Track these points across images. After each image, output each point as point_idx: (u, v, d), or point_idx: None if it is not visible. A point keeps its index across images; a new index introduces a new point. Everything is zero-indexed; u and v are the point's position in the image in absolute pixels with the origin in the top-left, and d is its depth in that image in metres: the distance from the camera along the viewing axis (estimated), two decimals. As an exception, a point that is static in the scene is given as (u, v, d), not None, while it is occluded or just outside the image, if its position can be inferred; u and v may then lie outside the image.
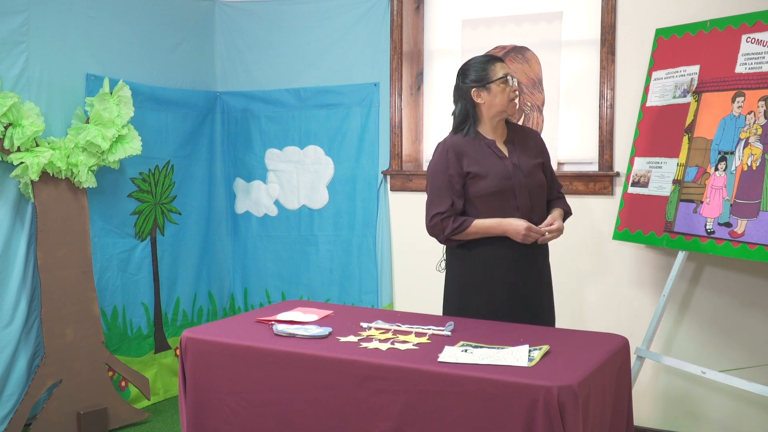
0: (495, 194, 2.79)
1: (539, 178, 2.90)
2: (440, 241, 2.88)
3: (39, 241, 3.51)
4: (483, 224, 2.79)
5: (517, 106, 2.90)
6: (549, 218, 2.85)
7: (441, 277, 4.14)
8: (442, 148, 2.88)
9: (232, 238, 4.65)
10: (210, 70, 4.55)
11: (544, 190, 2.94)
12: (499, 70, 2.82)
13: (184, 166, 4.34)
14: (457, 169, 2.81)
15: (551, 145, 3.88)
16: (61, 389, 3.56)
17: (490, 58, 2.86)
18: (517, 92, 2.84)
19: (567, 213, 3.00)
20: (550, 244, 2.93)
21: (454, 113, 2.92)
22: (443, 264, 3.02)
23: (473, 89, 2.83)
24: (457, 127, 2.90)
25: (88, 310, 3.68)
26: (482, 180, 2.80)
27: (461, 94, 2.87)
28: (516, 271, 2.82)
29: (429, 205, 2.87)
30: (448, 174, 2.82)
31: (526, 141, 2.94)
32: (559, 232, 2.85)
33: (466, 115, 2.87)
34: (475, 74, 2.83)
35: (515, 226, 2.76)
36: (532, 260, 2.87)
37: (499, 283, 2.82)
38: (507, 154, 2.86)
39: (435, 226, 2.84)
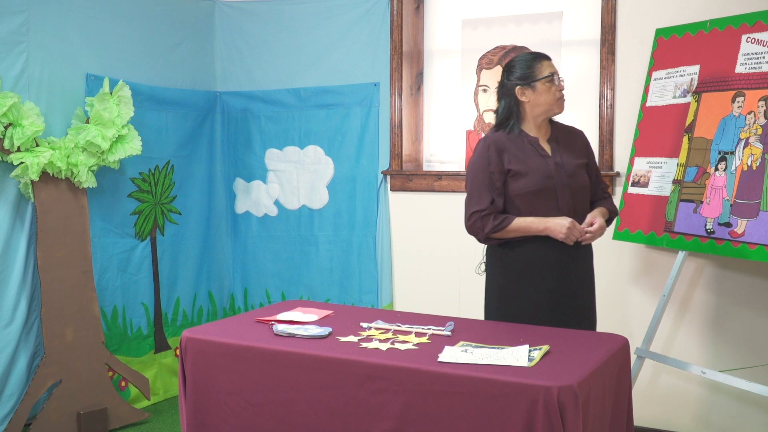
0: (536, 193, 2.71)
1: (583, 179, 2.81)
2: (480, 240, 2.79)
3: (39, 241, 3.51)
4: (525, 222, 2.69)
5: (564, 105, 2.80)
6: (589, 217, 2.75)
7: (441, 278, 4.13)
8: (483, 144, 2.78)
9: (232, 238, 4.65)
10: (210, 70, 4.55)
11: (588, 192, 2.85)
12: (545, 69, 2.74)
13: (184, 166, 4.34)
14: (498, 166, 2.72)
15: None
16: (61, 389, 3.56)
17: (536, 56, 2.78)
18: (563, 91, 2.76)
19: (612, 212, 2.90)
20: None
21: (497, 110, 2.84)
22: (483, 267, 2.91)
23: (518, 87, 2.75)
24: (500, 124, 2.81)
25: (88, 310, 3.68)
26: (523, 178, 2.71)
27: (506, 91, 2.80)
28: (558, 274, 2.73)
29: (468, 202, 2.78)
30: (488, 171, 2.73)
31: (571, 140, 2.86)
32: (601, 230, 2.76)
33: (509, 113, 2.79)
34: (520, 71, 2.76)
35: (558, 223, 2.67)
36: (575, 263, 2.78)
37: (540, 288, 2.73)
38: (550, 153, 2.78)
39: (474, 224, 2.74)
